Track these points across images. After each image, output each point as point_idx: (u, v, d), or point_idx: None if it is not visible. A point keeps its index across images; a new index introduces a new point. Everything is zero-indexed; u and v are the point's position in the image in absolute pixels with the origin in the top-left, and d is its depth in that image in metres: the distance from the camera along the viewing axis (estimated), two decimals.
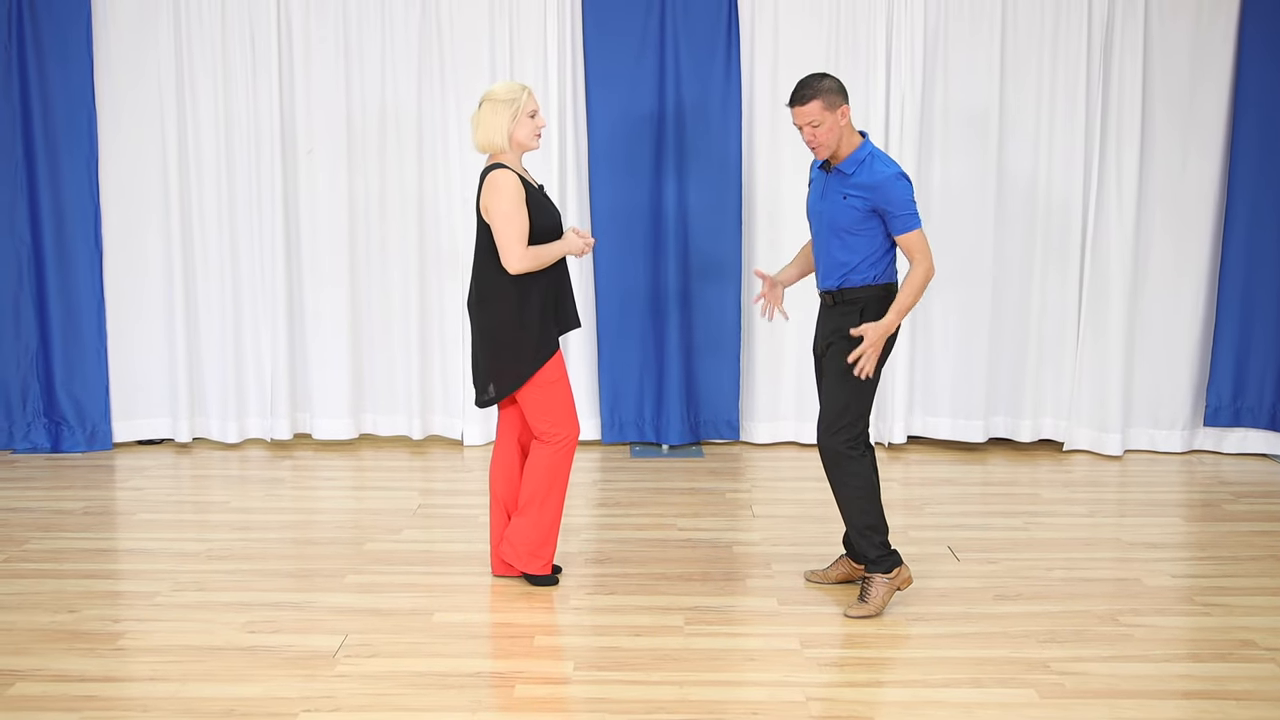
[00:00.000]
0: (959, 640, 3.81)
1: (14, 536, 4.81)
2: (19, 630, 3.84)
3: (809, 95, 3.81)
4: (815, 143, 3.85)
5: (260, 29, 6.04)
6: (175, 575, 4.37)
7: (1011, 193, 6.12)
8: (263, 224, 6.17)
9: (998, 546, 4.74)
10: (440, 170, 6.14)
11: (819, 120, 3.81)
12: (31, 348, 6.12)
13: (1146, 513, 5.25)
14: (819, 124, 3.81)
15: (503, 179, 3.99)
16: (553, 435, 4.14)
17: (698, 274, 6.18)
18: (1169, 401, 6.24)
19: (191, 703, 3.35)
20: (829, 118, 3.82)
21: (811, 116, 3.81)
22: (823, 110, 3.80)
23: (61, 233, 6.06)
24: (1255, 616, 4.03)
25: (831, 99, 3.82)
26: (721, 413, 6.29)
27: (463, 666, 3.60)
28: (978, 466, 6.02)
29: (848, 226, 3.91)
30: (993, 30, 6.00)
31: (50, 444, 6.19)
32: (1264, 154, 5.95)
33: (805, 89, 3.82)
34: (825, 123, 3.81)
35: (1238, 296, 6.05)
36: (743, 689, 3.47)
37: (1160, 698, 3.41)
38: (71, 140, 5.99)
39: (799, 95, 3.83)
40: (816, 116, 3.81)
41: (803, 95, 3.82)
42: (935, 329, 6.25)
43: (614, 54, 6.03)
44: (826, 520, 5.01)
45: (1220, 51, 5.98)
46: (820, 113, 3.80)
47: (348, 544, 4.74)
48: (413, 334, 6.25)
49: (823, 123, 3.81)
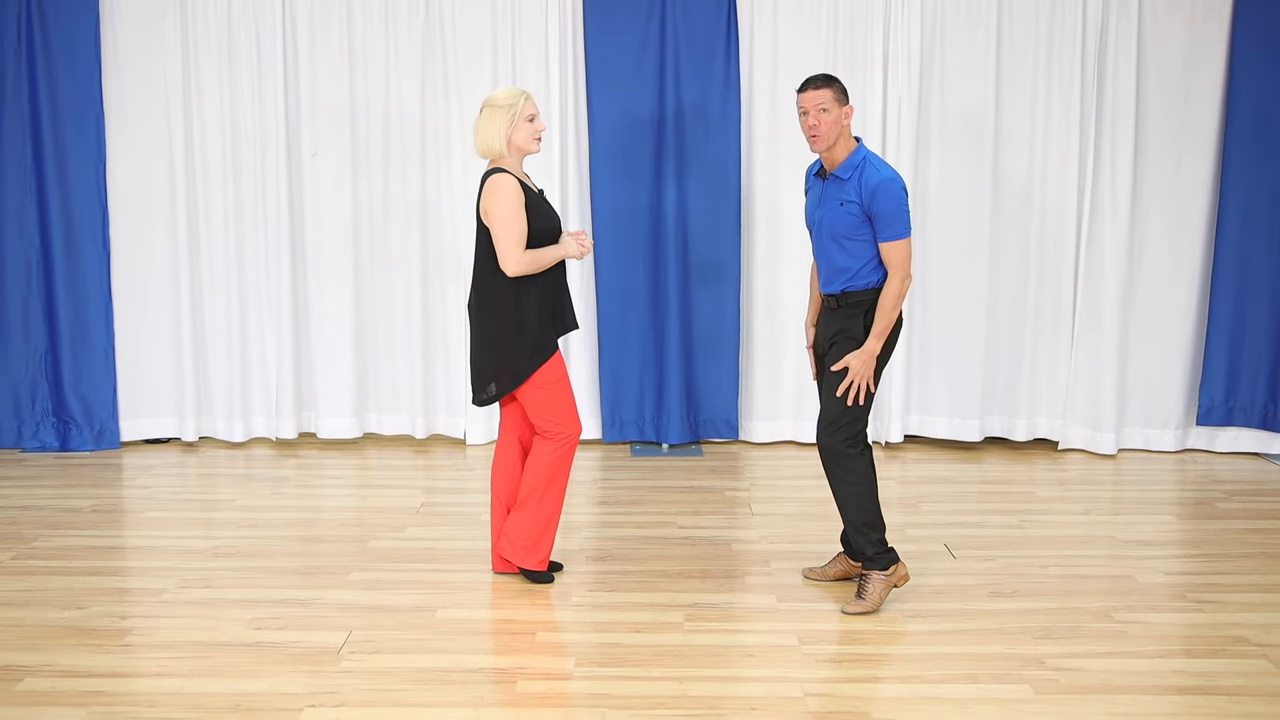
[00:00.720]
0: (955, 636, 3.85)
1: (22, 534, 4.86)
2: (28, 626, 3.88)
3: (823, 83, 3.92)
4: (817, 129, 3.91)
5: (265, 33, 6.09)
6: (182, 572, 4.41)
7: (1007, 195, 6.17)
8: (268, 226, 6.21)
9: (993, 544, 4.78)
10: (443, 173, 6.19)
11: (828, 106, 3.89)
12: (40, 348, 6.17)
13: (1140, 511, 5.29)
14: (827, 109, 3.89)
15: (502, 183, 4.04)
16: (555, 433, 4.20)
17: (697, 275, 6.22)
18: (1162, 401, 6.28)
19: (198, 698, 3.38)
20: (836, 109, 3.91)
21: (823, 101, 3.90)
22: (833, 99, 3.90)
23: (70, 234, 6.10)
24: (1247, 613, 4.07)
25: (841, 94, 3.93)
26: (721, 412, 6.34)
27: (465, 662, 3.64)
28: (974, 465, 6.07)
29: (846, 233, 3.96)
30: (988, 34, 6.04)
31: (58, 443, 6.24)
32: (1256, 155, 5.98)
33: (820, 77, 3.94)
34: (832, 111, 3.90)
35: (1230, 297, 6.09)
36: (742, 685, 3.50)
37: (1154, 693, 3.45)
38: (79, 142, 6.04)
39: (813, 80, 3.93)
40: (827, 102, 3.90)
41: (817, 81, 3.93)
42: (932, 329, 6.30)
43: (615, 58, 6.08)
44: (825, 518, 5.05)
45: (1213, 53, 6.02)
46: (831, 100, 3.90)
47: (352, 541, 4.78)
48: (416, 334, 6.30)
49: (830, 110, 3.90)
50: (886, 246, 3.90)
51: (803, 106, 3.94)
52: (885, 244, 3.90)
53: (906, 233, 3.90)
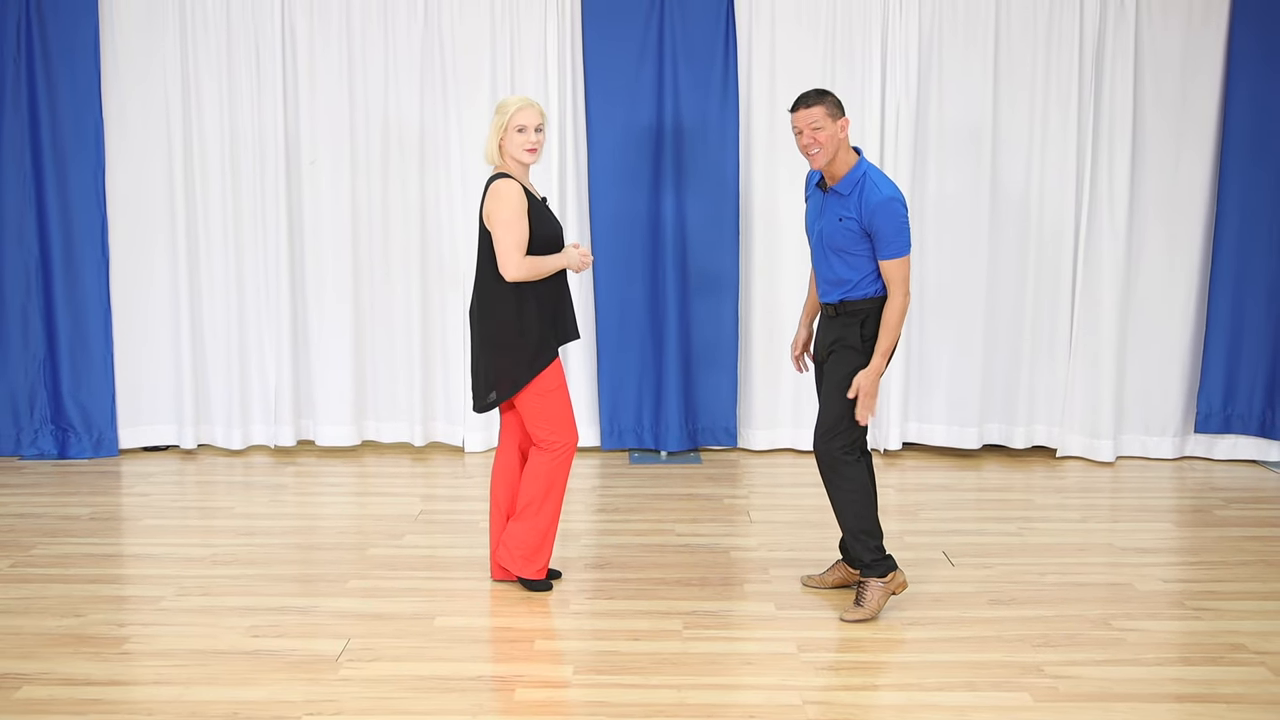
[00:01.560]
0: (953, 644, 3.85)
1: (21, 542, 4.86)
2: (26, 634, 3.88)
3: (814, 100, 3.91)
4: (814, 145, 3.91)
5: (265, 40, 6.09)
6: (180, 580, 4.41)
7: (1005, 202, 6.18)
8: (267, 234, 6.22)
9: (992, 552, 4.79)
10: (442, 181, 6.20)
11: (821, 124, 3.89)
12: (39, 355, 6.17)
13: (1138, 518, 5.30)
14: (821, 126, 3.89)
15: (505, 188, 4.04)
16: (551, 443, 4.19)
17: (696, 283, 6.23)
18: (1160, 408, 6.28)
19: (196, 706, 3.38)
20: (830, 125, 3.90)
21: (815, 119, 3.89)
22: (825, 115, 3.89)
23: (69, 242, 6.11)
24: (1245, 620, 4.07)
25: (834, 109, 3.92)
26: (719, 420, 6.34)
27: (464, 670, 3.64)
28: (972, 473, 6.07)
29: (845, 247, 3.97)
30: (986, 41, 6.06)
31: (57, 450, 6.24)
32: (1254, 159, 5.99)
33: (810, 94, 3.93)
34: (826, 128, 3.89)
35: (1228, 305, 6.10)
36: (740, 693, 3.51)
37: (1152, 701, 3.45)
38: (79, 151, 6.04)
39: (804, 99, 3.92)
40: (820, 120, 3.89)
41: (808, 99, 3.92)
42: (930, 337, 6.30)
43: (614, 66, 6.09)
44: (823, 526, 5.05)
45: (1211, 56, 6.03)
46: (823, 117, 3.89)
47: (350, 549, 4.78)
48: (415, 342, 6.30)
49: (824, 126, 3.89)
50: (887, 264, 3.91)
51: (796, 126, 3.94)
52: (885, 262, 3.91)
53: (906, 250, 3.91)
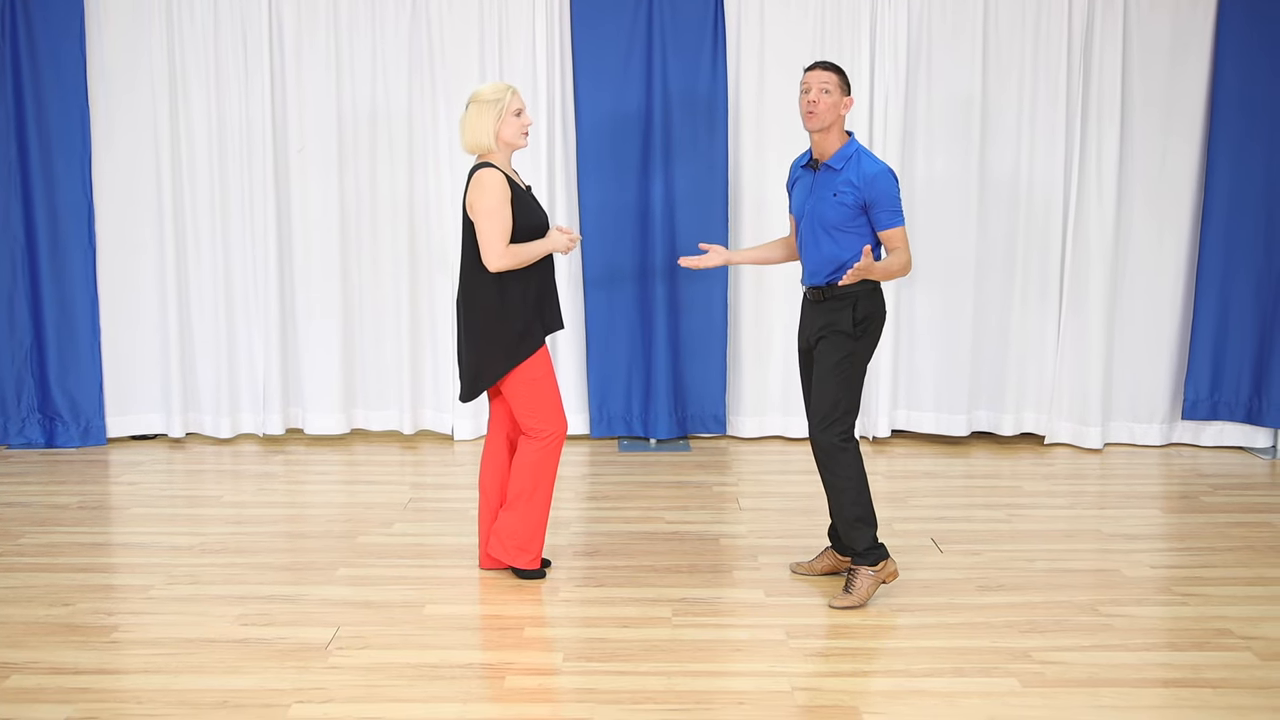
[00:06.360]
0: (942, 630, 3.87)
1: (9, 531, 4.84)
2: (14, 624, 3.88)
3: (832, 67, 4.00)
4: (816, 108, 3.95)
5: (252, 30, 6.06)
6: (169, 569, 4.41)
7: (993, 187, 6.18)
8: (255, 223, 6.20)
9: (980, 538, 4.80)
10: (430, 170, 6.18)
11: (831, 89, 3.95)
12: (26, 344, 6.15)
13: (1126, 505, 5.32)
14: (829, 91, 3.95)
15: (488, 177, 4.03)
16: (539, 431, 4.19)
17: (685, 270, 6.21)
18: (1148, 395, 6.30)
19: (185, 694, 3.38)
20: (837, 94, 3.97)
21: (827, 83, 3.96)
22: (838, 84, 3.97)
23: (56, 230, 6.08)
24: (1231, 606, 4.10)
25: (846, 84, 4.01)
26: (708, 407, 6.35)
27: (453, 658, 3.64)
28: (960, 460, 6.09)
29: (837, 223, 3.98)
30: (975, 25, 6.05)
31: (45, 439, 6.22)
32: (1242, 146, 5.99)
33: (830, 62, 4.03)
34: (834, 95, 3.96)
35: (1215, 292, 6.11)
36: (729, 679, 3.51)
37: (1139, 686, 3.47)
38: (65, 139, 6.01)
39: (823, 62, 4.01)
40: (831, 85, 3.96)
41: (828, 64, 4.01)
42: (918, 324, 6.31)
43: (602, 52, 6.08)
44: (812, 513, 5.06)
45: (1199, 43, 6.03)
46: (835, 85, 3.97)
47: (339, 537, 4.78)
48: (403, 330, 6.29)
49: (832, 93, 3.96)
50: (888, 234, 3.97)
51: (806, 84, 3.98)
52: (886, 231, 3.97)
53: (901, 220, 3.97)
